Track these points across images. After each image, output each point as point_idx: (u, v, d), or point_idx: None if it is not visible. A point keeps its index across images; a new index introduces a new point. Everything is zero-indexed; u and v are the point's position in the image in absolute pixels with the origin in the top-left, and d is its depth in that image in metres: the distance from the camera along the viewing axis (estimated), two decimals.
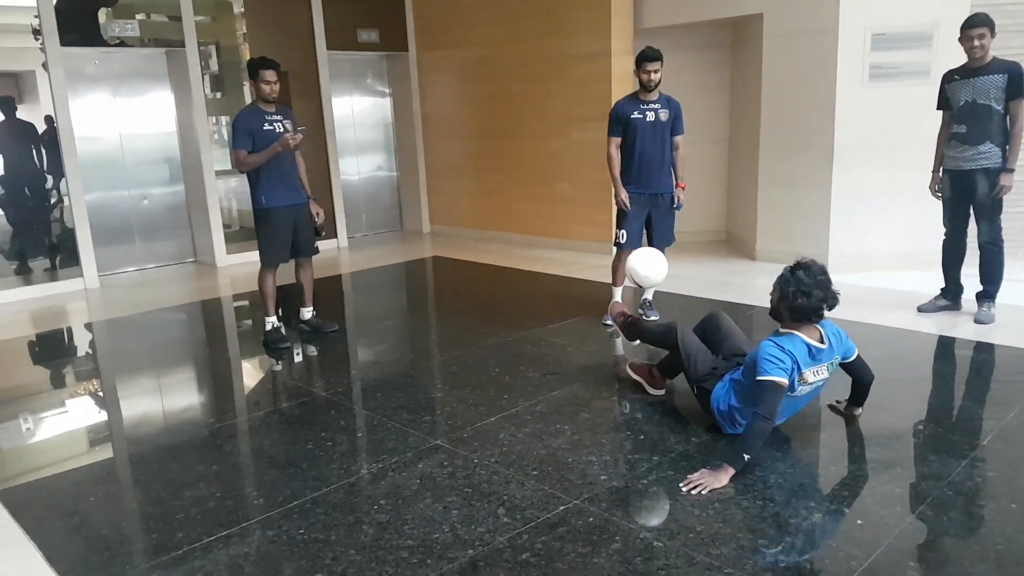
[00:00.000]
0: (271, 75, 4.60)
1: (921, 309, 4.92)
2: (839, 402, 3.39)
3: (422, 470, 3.02)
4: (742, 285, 5.78)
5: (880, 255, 6.04)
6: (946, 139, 4.73)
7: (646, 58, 4.63)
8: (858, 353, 3.14)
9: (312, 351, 4.89)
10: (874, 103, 5.92)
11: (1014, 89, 4.37)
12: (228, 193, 8.31)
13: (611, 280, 5.08)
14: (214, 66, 8.11)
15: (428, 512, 2.69)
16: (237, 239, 8.01)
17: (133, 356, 5.01)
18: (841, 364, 3.12)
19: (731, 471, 2.78)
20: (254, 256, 4.95)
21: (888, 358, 4.06)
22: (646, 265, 4.48)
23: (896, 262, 5.97)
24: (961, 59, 4.62)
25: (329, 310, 5.65)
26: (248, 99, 4.74)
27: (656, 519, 2.62)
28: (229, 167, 7.57)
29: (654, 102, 4.75)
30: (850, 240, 6.13)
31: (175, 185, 7.94)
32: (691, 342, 3.42)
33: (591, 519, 2.60)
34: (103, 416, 4.07)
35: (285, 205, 4.74)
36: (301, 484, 2.95)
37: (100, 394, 4.39)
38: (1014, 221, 5.34)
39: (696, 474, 2.81)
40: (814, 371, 2.96)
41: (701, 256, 7.04)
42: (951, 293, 4.91)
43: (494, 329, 5.02)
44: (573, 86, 7.37)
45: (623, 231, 4.86)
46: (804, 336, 2.95)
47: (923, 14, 5.78)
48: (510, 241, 8.30)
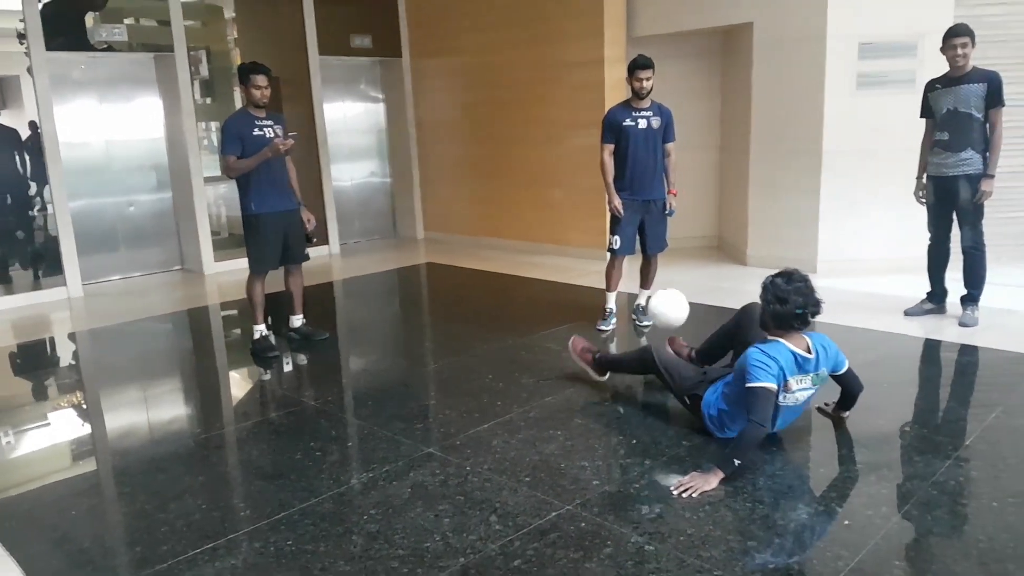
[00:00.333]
0: (262, 80, 4.57)
1: (907, 313, 4.97)
2: (827, 404, 3.40)
3: (414, 479, 2.99)
4: (733, 290, 5.79)
5: (868, 260, 6.10)
6: (929, 146, 4.82)
7: (638, 66, 4.64)
8: (848, 365, 3.15)
9: (302, 360, 4.85)
10: (861, 111, 5.98)
11: (993, 98, 4.48)
12: (217, 199, 8.25)
13: (605, 286, 5.07)
14: (204, 71, 8.07)
15: (419, 521, 2.66)
16: (225, 246, 7.95)
17: (118, 366, 4.95)
18: (832, 376, 3.13)
19: (721, 474, 2.80)
20: (243, 264, 4.90)
21: (875, 361, 4.11)
22: (669, 308, 4.36)
23: (883, 267, 6.02)
24: (944, 69, 4.70)
25: (320, 318, 5.61)
26: (239, 104, 4.71)
27: (647, 521, 2.60)
28: (218, 173, 7.53)
29: (646, 109, 4.76)
30: (838, 245, 6.17)
31: (162, 192, 7.87)
32: (669, 360, 3.47)
33: (583, 524, 2.58)
34: (87, 428, 4.00)
35: (275, 211, 4.71)
36: (289, 495, 2.91)
37: (84, 406, 4.32)
38: (996, 226, 5.39)
39: (687, 477, 2.82)
40: (798, 380, 2.97)
41: (693, 261, 7.05)
42: (936, 297, 4.97)
43: (488, 336, 4.99)
44: (567, 93, 7.38)
45: (616, 237, 4.87)
46: (790, 344, 2.96)
47: (909, 24, 5.86)
48: (504, 247, 8.29)
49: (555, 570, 2.33)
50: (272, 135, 4.60)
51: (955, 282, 4.88)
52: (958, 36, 4.49)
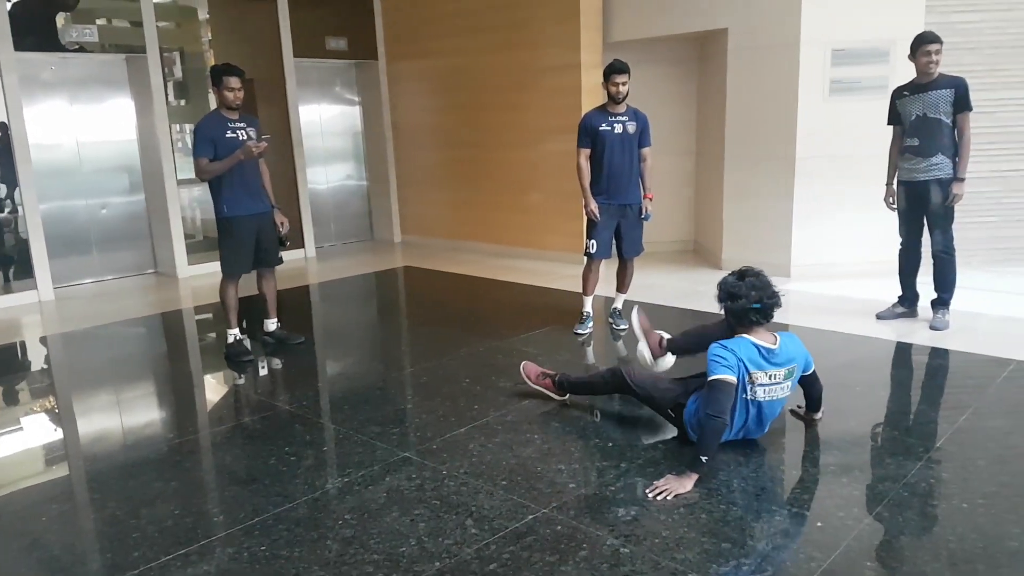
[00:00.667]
0: (235, 82, 4.54)
1: (880, 316, 5.04)
2: (799, 407, 3.42)
3: (389, 483, 2.98)
4: (709, 293, 5.79)
5: (840, 264, 6.18)
6: (898, 153, 4.90)
7: (614, 70, 4.67)
8: (813, 368, 3.18)
9: (277, 364, 4.81)
10: (834, 116, 6.06)
11: (961, 102, 4.57)
12: (191, 202, 8.17)
13: (581, 289, 5.09)
14: (178, 73, 7.99)
15: (395, 526, 2.65)
16: (199, 249, 7.87)
17: (90, 371, 4.89)
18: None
19: (694, 476, 2.82)
20: (216, 267, 4.86)
21: (848, 364, 4.16)
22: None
23: (856, 270, 6.11)
24: (912, 76, 4.78)
25: (296, 321, 5.57)
26: (213, 106, 4.67)
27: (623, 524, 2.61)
28: (192, 176, 7.45)
29: (622, 114, 4.78)
30: (812, 249, 6.26)
31: (135, 194, 7.78)
32: (644, 380, 3.40)
33: (559, 527, 2.59)
34: (58, 433, 3.93)
35: (248, 214, 4.67)
36: (263, 500, 2.88)
37: (55, 411, 4.26)
38: (965, 231, 5.50)
39: (662, 480, 2.83)
40: (768, 374, 2.96)
41: (669, 265, 7.10)
42: (908, 300, 5.05)
43: (465, 339, 4.99)
44: (543, 98, 7.40)
45: (593, 241, 4.88)
46: (753, 338, 2.98)
47: (881, 31, 5.95)
48: (481, 251, 8.29)
49: (531, 573, 2.33)
50: (245, 137, 4.57)
51: (926, 286, 4.95)
52: (932, 43, 4.56)
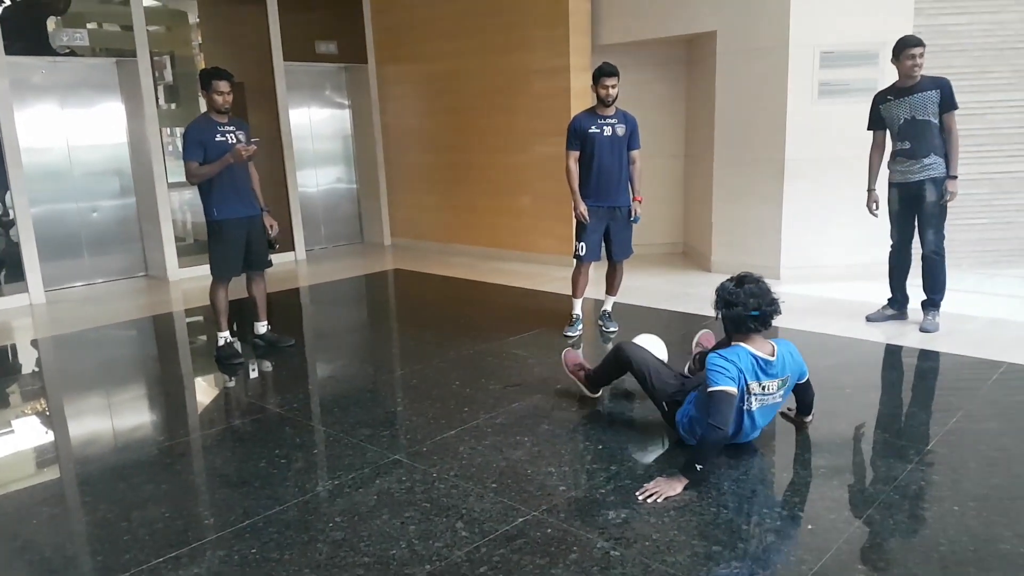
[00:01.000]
0: (224, 86, 4.54)
1: (869, 319, 5.06)
2: (790, 410, 3.43)
3: (380, 486, 2.99)
4: (698, 296, 5.86)
5: (829, 266, 6.21)
6: (880, 158, 4.93)
7: (604, 73, 4.69)
8: (808, 376, 3.19)
9: (267, 367, 4.81)
10: (823, 119, 6.09)
11: (947, 102, 4.62)
12: (182, 205, 8.16)
13: (571, 292, 5.10)
14: (168, 76, 7.98)
15: (385, 528, 2.66)
16: (190, 252, 7.86)
17: (81, 374, 4.88)
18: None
19: (685, 480, 2.83)
20: (207, 270, 4.86)
21: (837, 366, 4.18)
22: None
23: (845, 273, 6.14)
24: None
25: (286, 324, 5.57)
26: (203, 110, 4.68)
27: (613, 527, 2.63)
28: (183, 179, 7.45)
29: (611, 117, 4.80)
30: (801, 251, 6.28)
31: (126, 197, 7.76)
32: (646, 360, 3.41)
33: (549, 530, 2.60)
34: (49, 436, 3.93)
35: (238, 217, 4.68)
36: (254, 503, 2.89)
37: (46, 413, 4.25)
38: (954, 233, 5.53)
39: (652, 483, 2.84)
40: (762, 385, 2.97)
41: (658, 268, 7.12)
42: (898, 303, 5.07)
43: (455, 342, 5.00)
44: (533, 101, 7.42)
45: (582, 243, 4.90)
46: (750, 348, 2.97)
47: (869, 33, 5.97)
48: (471, 254, 8.30)
49: None
50: (234, 141, 4.57)
51: (916, 288, 4.97)
52: (917, 46, 4.60)
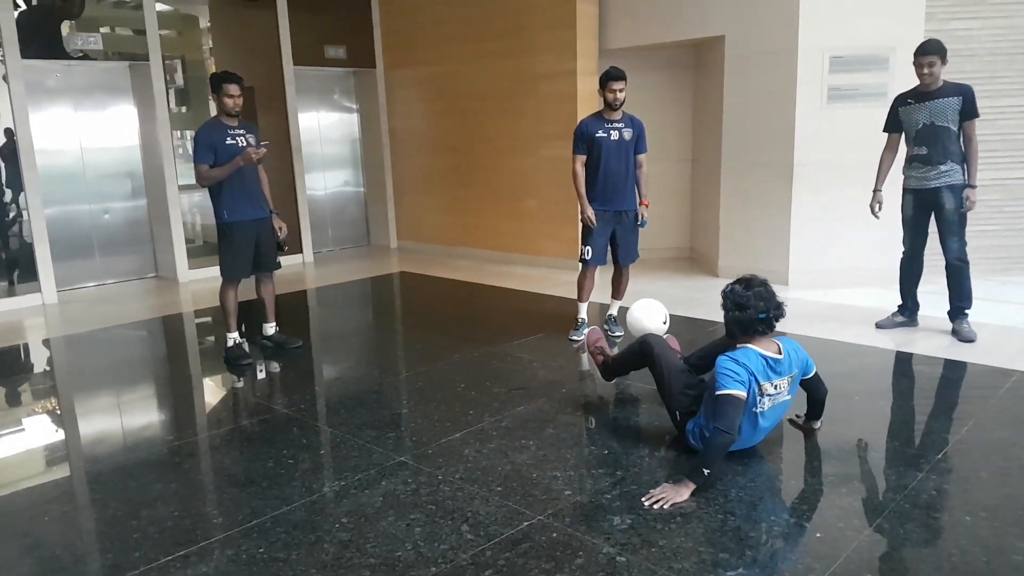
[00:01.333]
0: (234, 89, 4.58)
1: (879, 325, 5.02)
2: (798, 416, 3.42)
3: (386, 487, 3.00)
4: (705, 301, 5.85)
5: (838, 272, 6.18)
6: (892, 160, 4.88)
7: (611, 77, 4.69)
8: (816, 370, 3.18)
9: (275, 367, 4.84)
10: (832, 123, 6.07)
11: (968, 110, 4.55)
12: (192, 208, 8.21)
13: (577, 296, 5.11)
14: (179, 80, 8.04)
15: (391, 530, 2.67)
16: (199, 254, 7.90)
17: (92, 373, 4.92)
18: (800, 380, 3.16)
19: (692, 486, 2.81)
20: (216, 271, 4.89)
21: (846, 373, 4.15)
22: (645, 315, 4.26)
23: (854, 278, 6.11)
24: (913, 82, 4.77)
25: (293, 326, 5.60)
26: (214, 113, 4.73)
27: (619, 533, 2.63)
28: (193, 181, 7.52)
29: (618, 121, 4.81)
30: (810, 257, 6.25)
31: (137, 199, 7.82)
32: (671, 363, 3.33)
33: (555, 535, 2.60)
34: (59, 434, 3.97)
35: (247, 219, 4.71)
36: (261, 503, 2.91)
37: (57, 412, 4.29)
38: (968, 239, 5.47)
39: (658, 488, 2.83)
40: (773, 384, 2.97)
41: (665, 273, 7.12)
42: (908, 310, 5.01)
43: (460, 345, 5.01)
44: (539, 105, 7.44)
45: (588, 247, 4.90)
46: (759, 348, 2.97)
47: (879, 38, 5.95)
48: (477, 257, 8.32)
49: None
50: (244, 144, 4.61)
51: (928, 295, 4.92)
52: (925, 55, 4.54)
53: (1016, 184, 6.29)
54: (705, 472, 2.81)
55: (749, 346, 2.99)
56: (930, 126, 4.64)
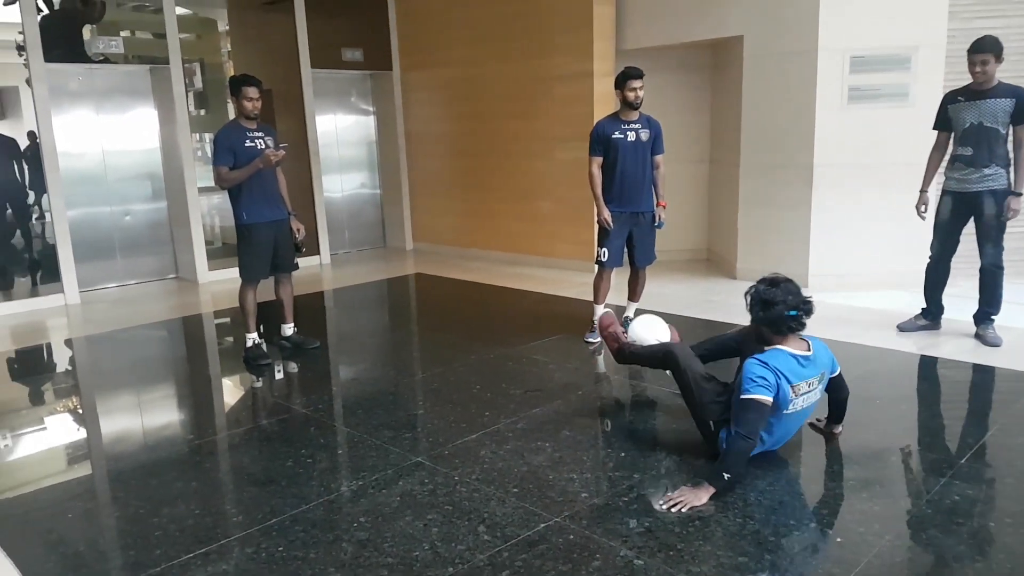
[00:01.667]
0: (253, 92, 4.61)
1: (901, 328, 4.94)
2: (819, 420, 3.39)
3: (403, 487, 3.01)
4: (723, 304, 5.83)
5: (859, 274, 6.11)
6: (940, 160, 4.71)
7: (631, 76, 4.67)
8: (839, 370, 3.14)
9: (293, 368, 4.87)
10: (853, 124, 6.01)
11: (1020, 113, 4.37)
12: (211, 210, 8.29)
13: (592, 298, 5.10)
14: (198, 83, 8.12)
15: (408, 530, 2.68)
16: (219, 256, 7.98)
17: (113, 373, 4.97)
18: None
19: (711, 490, 2.79)
20: (236, 273, 4.93)
21: (868, 377, 4.11)
22: (647, 330, 4.08)
23: (875, 281, 6.04)
24: (932, 83, 4.67)
25: (311, 327, 5.63)
26: (232, 116, 4.78)
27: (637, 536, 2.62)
28: (212, 184, 7.60)
29: (635, 122, 4.79)
30: (829, 259, 6.19)
31: (158, 201, 7.90)
32: (698, 373, 3.19)
33: (571, 537, 2.60)
34: (82, 433, 4.02)
35: (266, 221, 4.75)
36: (280, 501, 2.93)
37: (79, 411, 4.34)
38: (1009, 242, 5.35)
39: (677, 492, 2.81)
40: (807, 383, 2.92)
41: (682, 274, 7.09)
42: (931, 314, 4.90)
43: (476, 346, 5.02)
44: (555, 106, 7.43)
45: (605, 249, 4.89)
46: (789, 348, 2.92)
47: (901, 37, 5.88)
48: (493, 259, 8.32)
49: None
50: (263, 146, 4.64)
51: (952, 298, 4.84)
52: (978, 52, 4.36)
53: None
54: (725, 477, 2.78)
55: (779, 347, 2.93)
56: (978, 126, 4.46)
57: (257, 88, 4.64)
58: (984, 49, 4.36)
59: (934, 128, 4.77)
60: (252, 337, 4.87)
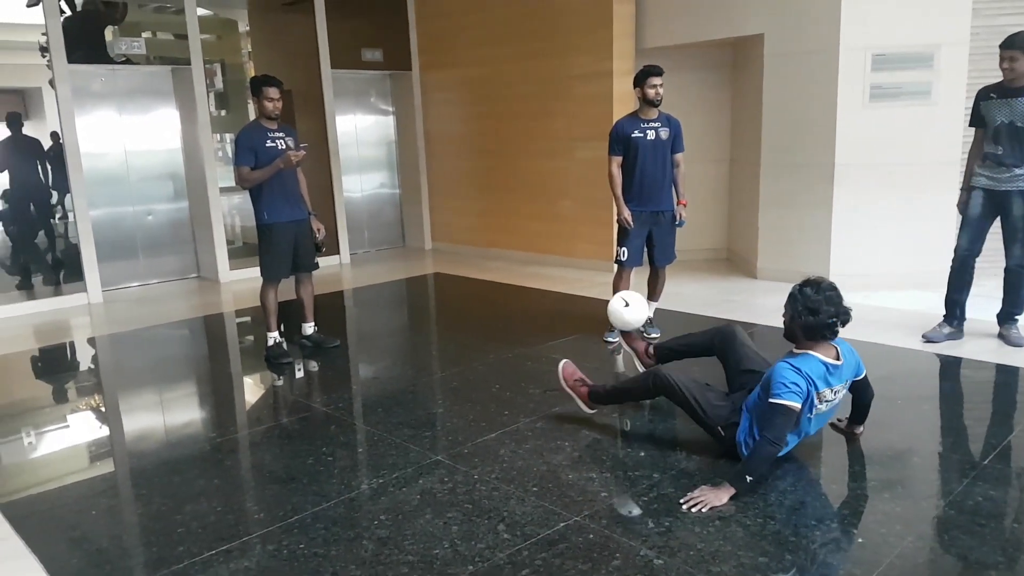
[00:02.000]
0: (274, 92, 4.65)
1: (928, 338, 4.69)
2: (840, 420, 3.36)
3: (422, 486, 3.03)
4: (743, 303, 5.79)
5: (881, 274, 6.05)
6: (978, 157, 4.60)
7: (651, 73, 4.66)
8: (865, 373, 3.12)
9: (313, 366, 4.90)
10: (875, 123, 5.96)
11: None
12: (232, 209, 8.36)
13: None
14: (219, 84, 8.18)
15: (428, 528, 2.69)
16: (240, 255, 8.04)
17: (136, 371, 5.03)
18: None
19: (732, 490, 2.77)
20: (257, 272, 4.98)
21: (889, 377, 4.06)
22: (629, 308, 4.22)
23: (897, 281, 5.98)
24: (959, 80, 4.60)
25: (331, 326, 5.66)
26: (253, 116, 4.81)
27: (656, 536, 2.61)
28: (233, 184, 7.67)
29: (654, 120, 4.78)
30: (851, 259, 6.14)
31: (179, 201, 7.98)
32: (693, 386, 3.17)
33: (591, 536, 2.60)
34: (105, 430, 4.08)
35: (287, 221, 4.78)
36: (302, 499, 2.95)
37: (102, 409, 4.40)
38: None
39: (697, 491, 2.80)
40: (833, 391, 2.92)
41: (702, 274, 7.05)
42: (956, 320, 4.71)
43: (495, 346, 5.02)
44: (575, 105, 7.42)
45: (624, 248, 4.88)
46: (820, 355, 2.90)
47: (924, 35, 5.82)
48: (512, 258, 8.33)
49: None
50: (284, 147, 4.67)
51: (973, 297, 4.74)
52: (1005, 48, 4.28)
53: None
54: (748, 480, 2.77)
55: (811, 353, 2.91)
56: (1009, 125, 4.37)
57: (278, 88, 4.67)
58: (1012, 46, 4.27)
59: (970, 125, 4.68)
60: (273, 336, 4.91)
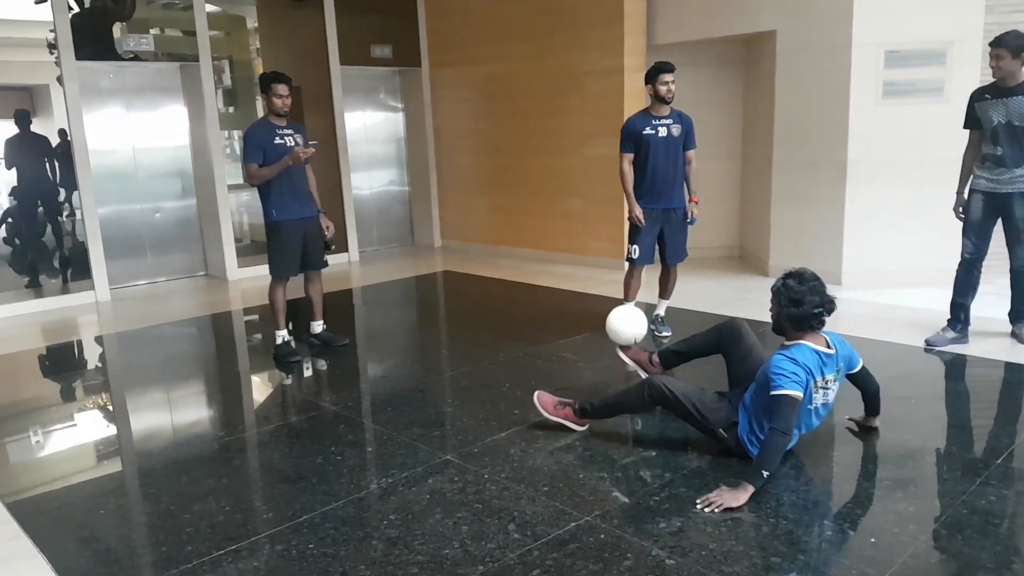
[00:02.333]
0: (283, 89, 4.63)
1: (931, 343, 4.59)
2: (853, 420, 3.34)
3: (432, 485, 3.01)
4: (755, 301, 5.75)
5: (893, 272, 6.00)
6: (974, 159, 4.56)
7: (662, 70, 4.62)
8: (863, 363, 3.12)
9: (322, 365, 4.89)
10: (888, 120, 5.91)
11: None
12: (240, 207, 8.36)
13: (623, 296, 5.05)
14: (227, 80, 8.18)
15: (438, 528, 2.67)
16: (248, 253, 8.03)
17: (143, 369, 5.02)
18: (848, 376, 3.10)
19: (751, 489, 2.74)
20: (265, 270, 4.96)
21: (901, 376, 4.04)
22: (626, 324, 4.09)
23: (910, 279, 5.93)
24: (975, 77, 4.56)
25: (340, 324, 5.65)
26: (261, 113, 4.80)
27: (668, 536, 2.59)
28: (241, 181, 7.67)
29: (666, 117, 4.74)
30: (863, 257, 6.09)
31: (187, 199, 7.98)
32: (690, 393, 3.14)
33: (602, 536, 2.57)
34: (113, 429, 4.06)
35: (295, 218, 4.76)
36: (311, 498, 2.93)
37: (110, 407, 4.39)
38: None
39: (714, 492, 2.77)
40: (825, 379, 2.94)
41: (714, 272, 7.01)
42: (961, 324, 4.62)
43: (505, 344, 5.00)
44: (586, 102, 7.39)
45: (635, 246, 4.85)
46: (811, 344, 2.93)
47: (937, 32, 5.77)
48: (521, 256, 8.30)
49: None
50: (293, 143, 4.66)
51: (986, 295, 4.69)
52: (993, 46, 4.26)
53: None
54: (764, 474, 2.75)
55: (803, 342, 2.94)
56: (1006, 125, 4.32)
57: (287, 85, 4.65)
58: (999, 44, 4.24)
59: (964, 127, 4.62)
60: (282, 334, 4.90)
